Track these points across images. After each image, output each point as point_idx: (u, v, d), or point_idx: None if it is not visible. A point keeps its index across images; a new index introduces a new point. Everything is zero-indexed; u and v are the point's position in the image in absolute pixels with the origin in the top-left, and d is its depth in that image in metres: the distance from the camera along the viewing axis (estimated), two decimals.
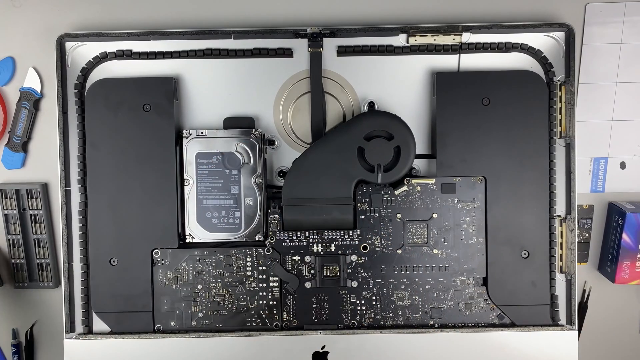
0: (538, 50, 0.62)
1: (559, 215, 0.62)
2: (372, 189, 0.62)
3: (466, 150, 0.61)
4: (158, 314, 0.62)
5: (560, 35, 0.62)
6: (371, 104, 0.63)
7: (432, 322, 0.63)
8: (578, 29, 0.64)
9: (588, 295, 0.67)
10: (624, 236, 0.64)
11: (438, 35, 0.61)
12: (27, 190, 0.65)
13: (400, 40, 0.62)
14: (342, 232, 0.62)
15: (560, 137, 0.62)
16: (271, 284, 0.63)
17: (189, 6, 0.64)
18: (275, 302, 0.63)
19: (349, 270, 0.62)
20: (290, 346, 0.62)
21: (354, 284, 0.62)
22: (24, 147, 0.66)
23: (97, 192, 0.62)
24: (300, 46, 0.62)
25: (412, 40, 0.62)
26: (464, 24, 0.62)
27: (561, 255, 0.63)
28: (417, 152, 0.61)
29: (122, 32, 0.62)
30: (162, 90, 0.61)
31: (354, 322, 0.63)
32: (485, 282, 0.62)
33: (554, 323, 0.62)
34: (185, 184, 0.61)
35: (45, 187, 0.66)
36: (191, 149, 0.61)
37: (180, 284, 0.62)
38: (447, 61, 0.62)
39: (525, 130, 0.61)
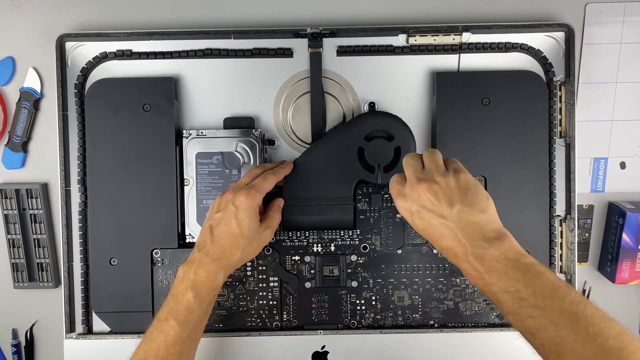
0: (538, 50, 0.62)
1: (559, 215, 0.63)
2: (372, 189, 0.62)
3: (466, 150, 0.61)
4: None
5: (560, 35, 0.62)
6: (371, 104, 0.63)
7: (432, 322, 0.63)
8: (578, 29, 0.64)
9: (588, 295, 0.67)
10: (624, 236, 0.64)
11: (438, 35, 0.61)
12: (27, 190, 0.65)
13: (400, 40, 0.62)
14: (342, 232, 0.62)
15: (560, 137, 0.62)
16: (271, 284, 0.63)
17: (189, 6, 0.64)
18: (275, 302, 0.63)
19: (349, 270, 0.62)
20: (290, 346, 0.62)
21: (354, 284, 0.62)
22: (24, 147, 0.66)
23: (97, 192, 0.62)
24: (300, 46, 0.62)
25: (412, 40, 0.62)
26: (464, 24, 0.62)
27: (561, 255, 0.63)
28: (418, 152, 0.61)
29: (122, 32, 0.62)
30: (162, 90, 0.61)
31: (354, 322, 0.63)
32: None
33: None
34: (185, 184, 0.61)
35: (45, 187, 0.66)
36: (191, 149, 0.61)
37: None
38: (447, 61, 0.62)
39: (525, 130, 0.61)
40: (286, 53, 0.62)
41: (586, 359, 0.37)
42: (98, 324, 0.63)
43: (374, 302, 0.63)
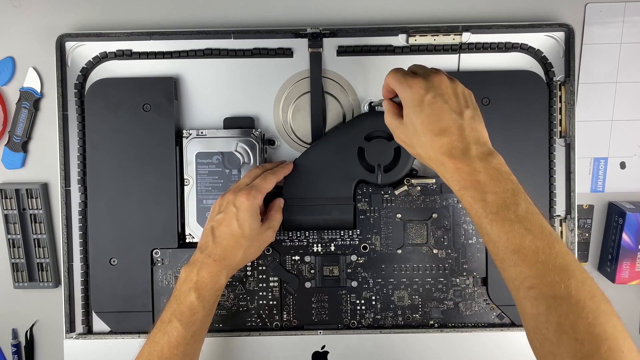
0: (538, 50, 0.62)
1: (559, 215, 0.63)
2: (372, 189, 0.62)
3: None
4: (158, 314, 0.62)
5: (560, 35, 0.62)
6: (371, 104, 0.63)
7: (432, 322, 0.63)
8: (578, 29, 0.64)
9: None
10: (624, 236, 0.64)
11: (438, 35, 0.61)
12: (27, 190, 0.65)
13: (400, 40, 0.62)
14: (342, 232, 0.62)
15: (560, 137, 0.62)
16: (271, 284, 0.63)
17: (189, 6, 0.64)
18: (275, 302, 0.63)
19: (349, 270, 0.62)
20: (290, 346, 0.62)
21: (354, 284, 0.62)
22: (24, 147, 0.66)
23: (97, 192, 0.62)
24: (300, 46, 0.62)
25: (412, 40, 0.62)
26: (464, 24, 0.62)
27: None
28: None
29: (122, 32, 0.62)
30: (162, 90, 0.61)
31: (354, 322, 0.63)
32: (485, 282, 0.62)
33: None
34: (185, 183, 0.61)
35: (45, 187, 0.66)
36: (191, 149, 0.61)
37: None
38: (447, 61, 0.62)
39: (525, 130, 0.61)
40: (286, 53, 0.62)
41: (557, 269, 0.40)
42: (98, 324, 0.63)
43: (374, 302, 0.63)
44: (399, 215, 0.62)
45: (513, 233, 0.43)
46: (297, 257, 0.62)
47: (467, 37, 0.62)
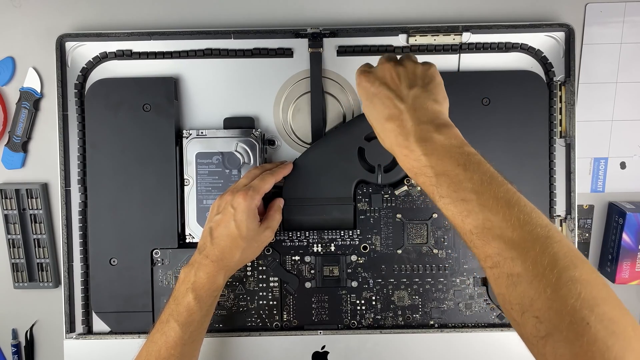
0: (538, 50, 0.62)
1: (559, 215, 0.62)
2: (372, 189, 0.62)
3: None
4: (158, 314, 0.62)
5: (560, 35, 0.62)
6: None
7: (432, 322, 0.63)
8: (578, 29, 0.63)
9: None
10: (624, 236, 0.64)
11: (438, 35, 0.61)
12: (27, 190, 0.65)
13: (400, 40, 0.62)
14: (342, 232, 0.62)
15: (560, 137, 0.62)
16: (271, 284, 0.62)
17: (189, 6, 0.64)
18: (275, 302, 0.63)
19: (349, 270, 0.62)
20: (290, 346, 0.62)
21: (354, 284, 0.62)
22: (24, 147, 0.66)
23: (97, 192, 0.62)
24: (300, 46, 0.62)
25: (412, 40, 0.62)
26: (464, 24, 0.62)
27: None
28: None
29: (122, 32, 0.62)
30: (162, 90, 0.61)
31: (354, 322, 0.63)
32: (485, 282, 0.62)
33: None
34: (185, 184, 0.61)
35: (45, 187, 0.66)
36: (191, 149, 0.61)
37: None
38: (447, 61, 0.62)
39: (525, 130, 0.61)
40: (286, 53, 0.62)
41: (514, 244, 0.37)
42: (98, 324, 0.63)
43: (374, 302, 0.63)
44: (399, 216, 0.62)
45: (466, 213, 0.40)
46: (297, 257, 0.62)
47: (467, 37, 0.62)
